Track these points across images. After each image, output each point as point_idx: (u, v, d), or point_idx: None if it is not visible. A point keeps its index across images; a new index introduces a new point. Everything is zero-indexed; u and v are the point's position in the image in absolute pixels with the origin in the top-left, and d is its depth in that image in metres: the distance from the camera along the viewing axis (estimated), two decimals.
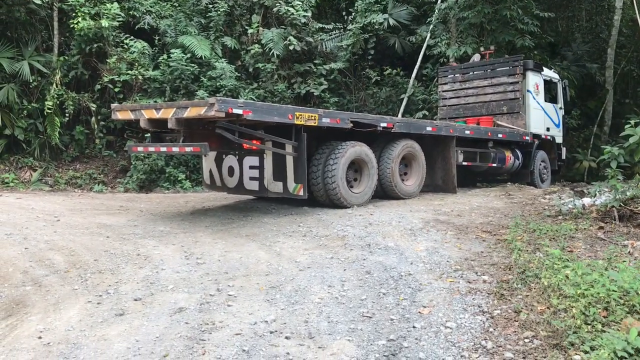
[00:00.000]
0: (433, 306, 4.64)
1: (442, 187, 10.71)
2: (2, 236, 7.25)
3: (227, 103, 6.66)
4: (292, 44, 15.32)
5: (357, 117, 8.74)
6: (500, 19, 15.02)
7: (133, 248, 6.67)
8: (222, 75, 14.73)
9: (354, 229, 7.29)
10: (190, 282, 5.41)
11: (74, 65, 14.48)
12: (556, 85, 13.86)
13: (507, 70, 12.85)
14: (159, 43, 15.53)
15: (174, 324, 4.38)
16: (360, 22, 16.28)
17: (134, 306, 4.81)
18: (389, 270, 5.59)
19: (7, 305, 4.92)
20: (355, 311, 4.59)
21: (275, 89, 15.40)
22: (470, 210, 8.67)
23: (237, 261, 6.08)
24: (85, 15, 14.06)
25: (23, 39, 14.21)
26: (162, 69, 14.53)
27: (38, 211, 9.22)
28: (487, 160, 11.43)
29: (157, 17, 15.92)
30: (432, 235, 6.92)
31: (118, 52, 14.61)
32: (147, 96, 14.46)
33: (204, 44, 15.11)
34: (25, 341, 4.14)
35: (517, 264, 5.56)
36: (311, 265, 5.86)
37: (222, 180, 9.16)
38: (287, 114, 7.43)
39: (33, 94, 14.16)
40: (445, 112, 13.79)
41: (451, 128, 10.37)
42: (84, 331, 4.29)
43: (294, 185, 8.05)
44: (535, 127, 12.79)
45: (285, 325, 4.32)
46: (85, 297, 5.05)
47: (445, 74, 13.98)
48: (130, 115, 7.87)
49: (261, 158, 8.42)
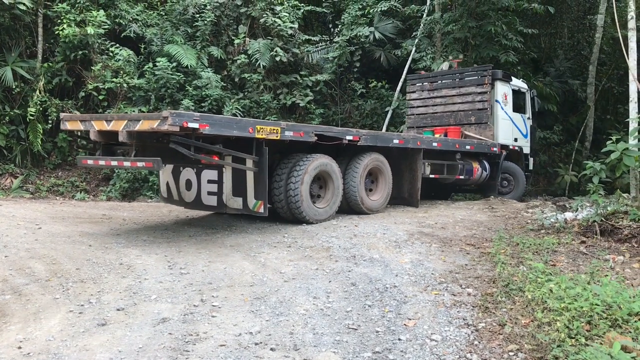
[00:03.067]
0: (418, 318, 4.65)
1: (408, 201, 10.53)
2: None
3: (181, 116, 6.26)
4: (279, 55, 15.36)
5: (322, 130, 8.40)
6: (484, 34, 15.22)
7: (116, 257, 6.59)
8: (208, 84, 14.69)
9: (339, 240, 7.28)
10: (174, 292, 5.36)
11: (58, 72, 14.34)
12: (524, 95, 13.76)
13: (475, 80, 12.73)
14: (144, 51, 15.45)
15: (157, 335, 4.33)
16: (346, 35, 16.38)
17: (117, 316, 4.74)
18: (374, 282, 5.59)
19: None
20: (340, 323, 4.58)
21: (261, 100, 15.40)
22: (454, 223, 8.72)
23: (222, 271, 6.04)
24: (70, 22, 13.95)
25: (6, 45, 14.06)
26: (148, 78, 14.45)
27: (19, 219, 9.08)
28: (455, 172, 11.26)
29: (143, 26, 15.86)
30: (416, 248, 6.94)
31: (103, 60, 14.50)
32: (132, 104, 14.37)
33: (190, 53, 15.08)
34: (5, 351, 4.06)
35: (501, 277, 5.60)
36: (296, 276, 5.84)
37: (179, 194, 8.68)
38: (247, 128, 7.07)
39: (16, 100, 14.00)
40: (413, 121, 13.64)
41: (419, 140, 10.15)
42: (65, 341, 4.22)
43: (254, 201, 7.67)
44: (503, 137, 12.66)
45: (270, 337, 4.29)
46: (66, 306, 4.97)
47: (414, 82, 13.82)
48: (80, 125, 7.43)
49: (220, 172, 8.03)
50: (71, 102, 14.27)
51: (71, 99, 14.50)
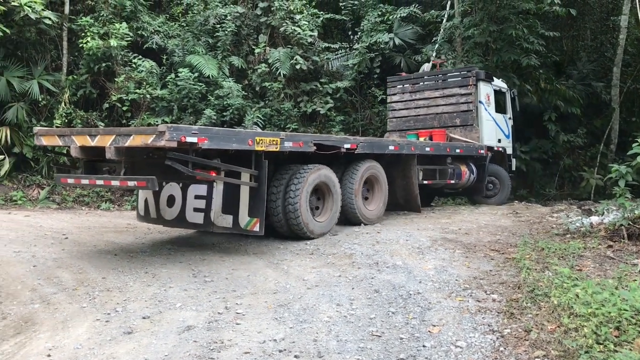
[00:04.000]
0: (443, 325, 4.62)
1: (404, 207, 10.35)
2: (10, 254, 7.28)
3: (179, 131, 5.76)
4: (299, 63, 15.43)
5: (321, 139, 8.02)
6: (505, 38, 15.11)
7: (141, 266, 6.68)
8: (229, 94, 14.83)
9: (362, 247, 7.27)
10: (199, 300, 5.40)
11: (83, 84, 14.61)
12: (505, 95, 13.55)
13: (459, 81, 12.51)
14: (166, 62, 15.67)
15: (182, 343, 4.37)
16: (366, 42, 16.39)
17: (143, 324, 4.80)
18: (397, 289, 5.57)
19: (15, 323, 4.92)
20: (364, 330, 4.57)
21: (282, 108, 15.49)
22: (477, 228, 8.65)
23: (245, 279, 6.08)
24: (94, 35, 14.22)
25: (33, 59, 14.37)
26: (170, 88, 14.64)
27: (46, 229, 9.25)
28: (446, 176, 11.04)
29: (165, 37, 16.09)
30: (440, 254, 6.90)
31: (126, 71, 14.74)
32: (155, 115, 14.56)
33: (212, 63, 15.24)
34: (34, 359, 4.13)
35: (526, 282, 5.54)
36: (319, 283, 5.85)
37: (158, 211, 8.00)
38: (246, 140, 6.57)
39: (42, 112, 14.28)
40: (394, 124, 13.39)
41: (412, 146, 9.91)
42: (92, 349, 4.28)
43: (247, 219, 7.06)
44: (487, 139, 12.45)
45: (294, 344, 4.30)
46: (93, 315, 5.05)
47: (394, 84, 13.58)
48: (57, 141, 6.80)
49: (210, 187, 7.44)
50: (95, 114, 14.51)
51: (95, 110, 14.74)
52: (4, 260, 6.95)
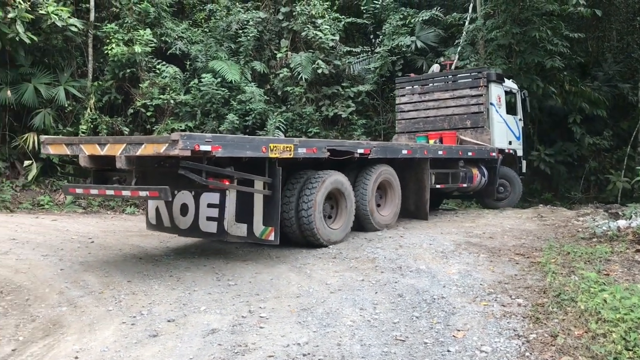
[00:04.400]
0: (467, 330, 4.58)
1: (414, 213, 10.04)
2: (38, 257, 7.42)
3: (192, 139, 5.59)
4: (320, 68, 15.47)
5: (334, 145, 7.80)
6: (529, 40, 14.96)
7: (165, 269, 6.74)
8: (252, 98, 14.93)
9: (384, 251, 7.25)
10: (222, 304, 5.44)
11: (108, 90, 14.84)
12: (515, 96, 13.31)
13: (469, 82, 12.30)
14: (190, 68, 15.84)
15: (207, 346, 4.40)
16: (387, 45, 16.37)
17: (168, 327, 4.85)
18: (421, 293, 5.54)
19: (44, 325, 5.01)
20: (388, 334, 4.56)
21: (304, 112, 15.54)
22: (502, 232, 8.56)
23: (268, 283, 6.10)
24: (119, 42, 14.45)
25: (59, 65, 14.63)
26: (193, 93, 14.80)
27: (72, 233, 9.39)
28: (458, 180, 10.85)
29: (188, 43, 16.27)
30: (464, 258, 6.85)
31: (150, 77, 14.93)
32: (179, 120, 14.72)
33: (234, 68, 15.36)
34: None
35: (552, 287, 5.47)
36: (342, 287, 5.84)
37: (172, 220, 7.82)
38: (260, 147, 6.39)
39: (68, 118, 14.53)
40: (403, 126, 13.20)
41: (425, 149, 9.73)
42: (118, 352, 4.33)
43: (262, 228, 6.93)
44: (499, 141, 12.24)
45: (317, 348, 4.30)
46: (119, 318, 5.11)
47: (403, 86, 13.37)
48: (65, 149, 6.59)
49: (223, 195, 7.29)
50: (120, 119, 14.72)
51: (120, 116, 14.96)
52: (32, 264, 7.08)
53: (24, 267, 6.92)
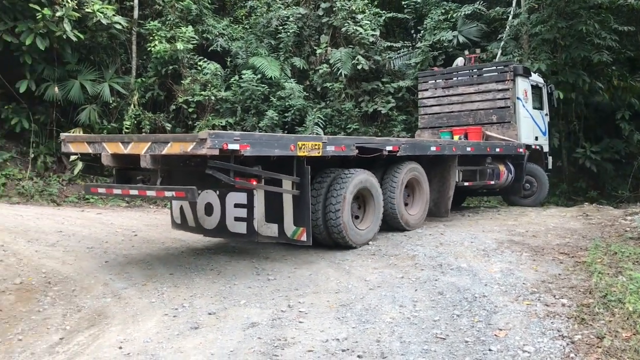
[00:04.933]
0: (509, 329, 4.50)
1: (434, 211, 9.61)
2: (84, 250, 7.62)
3: (221, 137, 5.42)
4: (360, 63, 15.40)
5: (363, 142, 7.56)
6: (575, 34, 14.56)
7: (206, 263, 6.84)
8: (291, 95, 14.99)
9: (425, 248, 7.18)
10: (262, 298, 5.48)
11: (151, 87, 15.12)
12: (541, 90, 12.88)
13: (495, 76, 11.93)
14: (230, 64, 16.00)
15: (247, 339, 4.44)
16: (429, 40, 16.18)
17: (209, 320, 4.91)
18: (462, 291, 5.47)
19: (89, 315, 5.15)
20: (428, 332, 4.51)
21: (343, 108, 15.50)
22: (545, 231, 8.37)
23: (307, 278, 6.12)
24: (161, 39, 14.70)
25: (104, 62, 14.99)
26: (234, 90, 14.94)
27: (117, 226, 9.61)
28: (485, 177, 10.54)
29: (229, 39, 16.43)
30: (506, 257, 6.72)
31: (192, 74, 15.14)
32: (219, 116, 14.89)
33: (274, 64, 15.45)
34: (107, 351, 4.31)
35: (598, 287, 5.32)
36: (381, 284, 5.81)
37: (196, 219, 7.65)
38: (288, 145, 6.21)
39: (112, 114, 14.87)
40: (426, 121, 12.82)
41: (454, 146, 9.42)
42: (161, 343, 4.42)
43: (293, 228, 6.74)
44: (525, 137, 11.84)
45: (357, 344, 4.29)
46: (162, 309, 5.21)
47: (426, 80, 13.01)
48: (87, 148, 6.43)
49: (250, 194, 7.09)
50: (163, 115, 14.98)
51: (163, 112, 15.22)
52: (78, 256, 7.28)
53: (71, 259, 7.12)
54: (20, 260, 6.90)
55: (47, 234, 8.47)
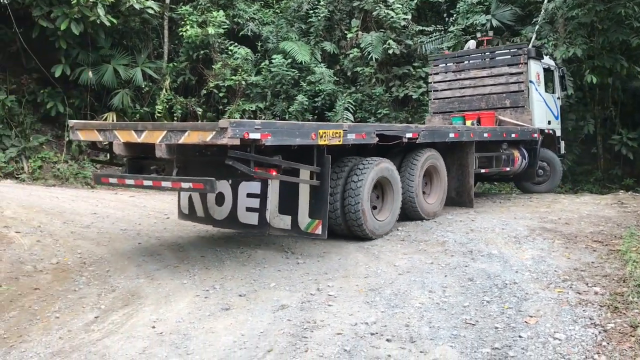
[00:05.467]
0: (540, 316, 4.46)
1: (456, 200, 9.39)
2: (118, 231, 7.78)
3: (242, 126, 5.18)
4: (391, 48, 15.27)
5: (383, 129, 7.30)
6: (613, 17, 14.14)
7: (236, 246, 6.92)
8: (321, 79, 14.97)
9: (455, 234, 7.14)
10: (292, 281, 5.53)
11: (182, 72, 15.28)
12: (553, 73, 12.50)
13: (508, 60, 11.56)
14: (261, 49, 16.04)
15: (277, 321, 4.50)
16: (461, 24, 15.93)
17: (239, 302, 4.98)
18: (492, 278, 5.43)
19: (123, 295, 5.27)
20: (457, 318, 4.50)
21: (373, 93, 15.42)
22: (579, 218, 8.23)
23: (336, 262, 6.15)
24: (193, 24, 14.82)
25: (137, 47, 15.20)
26: (264, 75, 15.00)
27: (149, 209, 9.77)
28: (501, 163, 10.25)
29: (259, 24, 16.46)
30: (538, 244, 6.64)
31: (223, 59, 15.24)
32: (250, 101, 14.97)
33: (304, 49, 15.42)
34: (141, 330, 4.41)
35: (633, 276, 5.22)
36: (410, 269, 5.81)
37: (206, 209, 7.39)
38: (309, 134, 5.92)
39: (145, 98, 15.09)
40: (437, 106, 12.48)
41: (472, 132, 9.12)
42: (193, 323, 4.50)
43: (308, 220, 6.47)
44: (538, 121, 11.49)
45: (385, 328, 4.31)
46: (193, 291, 5.30)
47: (437, 63, 12.64)
48: (97, 136, 6.15)
49: (264, 184, 6.82)
50: (194, 100, 15.14)
51: (194, 96, 15.37)
52: (112, 237, 7.44)
53: (105, 240, 7.28)
54: (56, 240, 7.08)
55: (81, 215, 8.67)
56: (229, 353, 3.94)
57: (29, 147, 13.18)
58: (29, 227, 7.45)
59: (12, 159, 12.92)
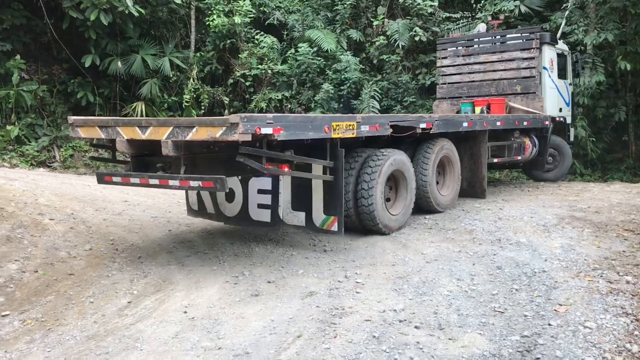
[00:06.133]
0: (570, 305, 4.43)
1: (468, 191, 9.06)
2: (148, 219, 7.92)
3: (253, 121, 4.90)
4: (418, 35, 15.11)
5: (397, 120, 7.02)
6: None
7: (264, 233, 7.00)
8: (347, 67, 14.90)
9: (483, 223, 7.11)
10: (319, 268, 5.59)
11: (209, 61, 15.37)
12: (566, 58, 12.11)
13: (520, 44, 11.19)
14: (287, 38, 16.04)
15: (305, 307, 4.55)
16: (489, 10, 15.67)
17: (268, 288, 5.06)
18: (521, 266, 5.41)
19: (155, 281, 5.38)
20: (486, 306, 4.50)
21: (399, 81, 15.32)
22: (609, 207, 8.11)
23: (363, 250, 6.18)
24: (219, 13, 14.88)
25: (164, 37, 15.31)
26: (290, 63, 15.00)
27: (179, 197, 9.86)
28: (512, 152, 9.97)
29: (285, 13, 16.45)
30: (567, 232, 6.58)
31: (249, 48, 15.28)
32: (276, 90, 15.01)
33: (330, 37, 15.37)
34: (173, 315, 4.51)
35: None
36: (438, 257, 5.82)
37: (216, 206, 7.08)
38: (323, 127, 5.66)
39: (173, 88, 15.22)
40: (445, 91, 12.15)
41: (485, 121, 8.79)
42: (223, 309, 4.59)
43: (323, 217, 6.18)
44: (550, 108, 11.13)
45: (414, 315, 4.33)
46: (223, 277, 5.39)
47: (445, 47, 12.30)
48: (99, 133, 5.86)
49: (275, 180, 6.48)
50: (221, 89, 15.24)
51: (221, 86, 15.47)
52: (143, 224, 7.58)
53: (136, 227, 7.42)
54: (89, 227, 7.24)
55: (113, 203, 8.84)
56: (259, 338, 4.01)
57: (61, 136, 13.42)
58: (63, 214, 7.62)
59: (45, 147, 13.18)
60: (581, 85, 12.96)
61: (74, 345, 4.05)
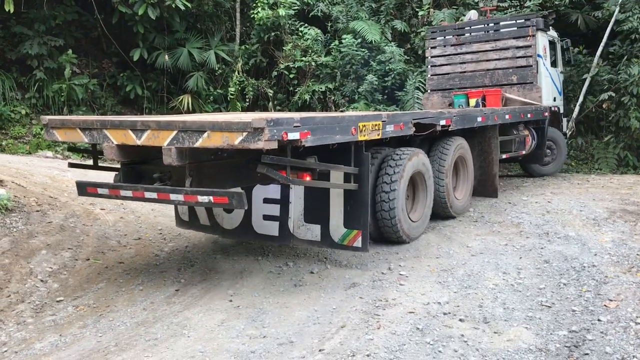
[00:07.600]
0: (621, 300, 4.31)
1: (478, 190, 8.34)
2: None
3: (279, 125, 4.10)
4: None
5: (419, 117, 6.25)
6: None
7: None
8: (391, 59, 14.77)
9: (530, 216, 6.97)
10: (362, 260, 5.59)
11: (254, 54, 15.49)
12: (556, 45, 11.53)
13: (515, 32, 10.57)
14: (331, 29, 16.00)
15: (349, 298, 4.58)
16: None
17: (311, 279, 5.10)
18: (569, 260, 5.28)
19: (201, 270, 5.50)
20: (532, 300, 4.43)
21: None
22: None
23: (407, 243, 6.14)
24: (264, 5, 14.97)
25: (210, 30, 15.52)
26: (334, 55, 14.97)
27: None
28: (519, 147, 9.43)
29: (329, 4, 16.40)
30: (618, 226, 6.38)
31: (293, 40, 15.33)
32: (319, 81, 15.02)
33: (374, 28, 15.26)
34: (218, 303, 4.60)
35: None
36: (484, 251, 5.74)
37: (211, 217, 6.15)
38: (349, 128, 4.92)
39: (218, 80, 15.42)
40: (435, 82, 11.53)
41: (496, 115, 8.09)
42: (267, 298, 4.65)
43: (343, 231, 5.31)
44: (545, 98, 10.55)
45: (458, 308, 4.30)
46: (267, 267, 5.46)
47: (434, 36, 11.53)
48: (81, 136, 4.88)
49: (285, 187, 5.63)
50: (265, 82, 15.35)
51: (265, 78, 15.59)
52: None
53: None
54: (138, 217, 7.43)
55: None
56: (303, 327, 4.05)
57: None
58: (113, 204, 7.84)
59: None
60: (635, 75, 12.48)
61: (124, 330, 4.18)
